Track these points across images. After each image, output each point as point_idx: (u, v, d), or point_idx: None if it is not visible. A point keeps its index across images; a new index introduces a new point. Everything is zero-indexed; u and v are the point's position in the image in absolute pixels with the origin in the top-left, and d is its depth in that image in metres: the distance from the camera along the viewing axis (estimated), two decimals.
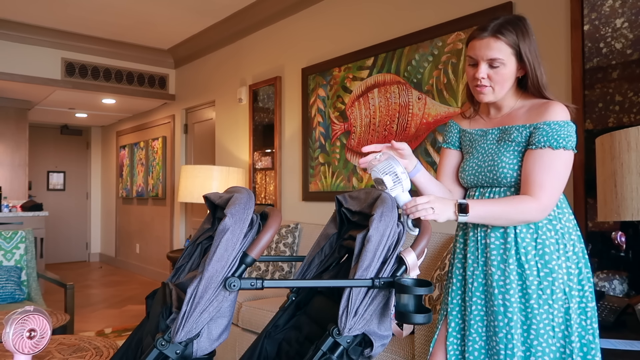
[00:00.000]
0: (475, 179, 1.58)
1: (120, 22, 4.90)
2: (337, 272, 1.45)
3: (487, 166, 1.54)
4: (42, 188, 8.20)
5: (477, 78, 1.49)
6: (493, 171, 1.52)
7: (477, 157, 1.59)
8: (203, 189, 4.06)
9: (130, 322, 4.47)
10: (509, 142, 1.52)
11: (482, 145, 1.60)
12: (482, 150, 1.59)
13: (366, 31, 3.50)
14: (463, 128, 1.69)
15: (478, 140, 1.63)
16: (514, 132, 1.51)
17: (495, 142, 1.57)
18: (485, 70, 1.48)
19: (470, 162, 1.61)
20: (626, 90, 2.17)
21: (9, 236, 3.57)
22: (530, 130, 1.47)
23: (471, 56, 1.51)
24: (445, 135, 1.76)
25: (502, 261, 1.48)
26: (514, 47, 1.46)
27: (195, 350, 1.12)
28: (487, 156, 1.56)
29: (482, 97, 1.53)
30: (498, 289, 1.47)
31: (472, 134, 1.65)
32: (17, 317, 1.33)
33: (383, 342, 1.19)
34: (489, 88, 1.50)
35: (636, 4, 2.15)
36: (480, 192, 1.58)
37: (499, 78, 1.48)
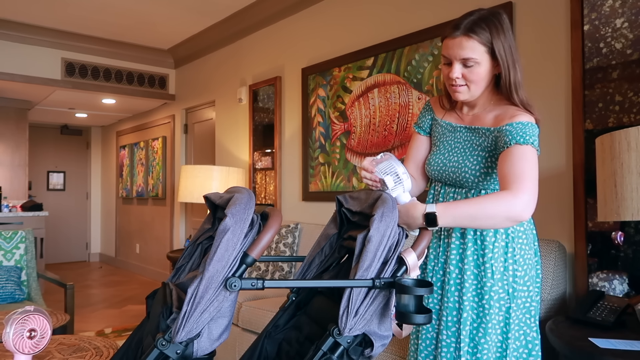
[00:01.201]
0: (440, 175, 1.59)
1: (120, 22, 4.90)
2: (337, 272, 1.45)
3: (452, 166, 1.55)
4: (42, 188, 8.20)
5: (452, 78, 1.48)
6: (457, 172, 1.54)
7: (444, 153, 1.59)
8: (203, 189, 4.06)
9: (130, 322, 4.47)
10: (475, 145, 1.53)
11: (450, 141, 1.60)
12: (449, 147, 1.59)
13: (366, 31, 3.50)
14: (436, 117, 1.68)
15: (446, 135, 1.62)
16: (482, 135, 1.51)
17: (463, 141, 1.56)
18: (459, 69, 1.47)
19: (437, 157, 1.61)
20: (626, 90, 2.17)
21: (9, 236, 3.57)
22: (495, 135, 1.47)
23: (445, 55, 1.50)
24: (420, 117, 1.74)
25: (460, 260, 1.52)
26: (487, 45, 1.42)
27: (195, 350, 1.12)
28: (453, 155, 1.56)
29: (457, 96, 1.52)
30: (455, 286, 1.52)
31: (442, 126, 1.64)
32: (17, 317, 1.33)
33: (383, 342, 1.19)
34: (464, 87, 1.49)
35: (636, 4, 2.15)
36: (445, 189, 1.60)
37: (474, 77, 1.46)
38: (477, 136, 1.52)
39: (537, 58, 2.51)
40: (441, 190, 1.60)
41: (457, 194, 1.56)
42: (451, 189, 1.58)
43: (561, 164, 2.38)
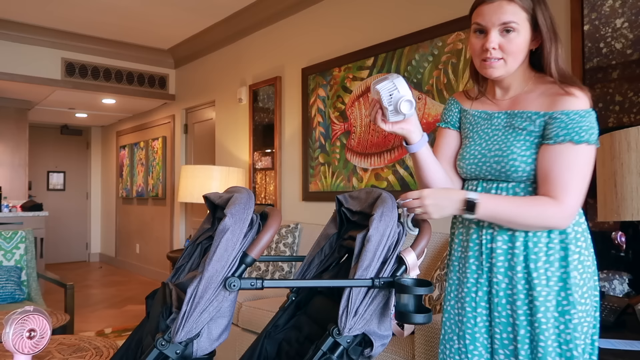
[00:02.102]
0: (477, 169, 1.36)
1: (120, 22, 4.90)
2: (337, 272, 1.45)
3: (494, 156, 1.32)
4: (42, 188, 8.20)
5: (487, 48, 1.27)
6: (501, 163, 1.31)
7: (480, 143, 1.37)
8: (203, 189, 4.06)
9: (130, 322, 4.47)
10: (519, 130, 1.31)
11: (486, 130, 1.39)
12: (486, 136, 1.37)
13: (366, 31, 3.50)
14: (464, 108, 1.47)
15: (480, 123, 1.41)
16: (526, 119, 1.30)
17: (502, 128, 1.35)
18: (496, 38, 1.27)
19: (471, 149, 1.39)
20: (626, 90, 2.17)
21: (9, 236, 3.57)
22: (545, 120, 1.27)
23: (479, 23, 1.29)
24: (444, 113, 1.52)
25: (509, 268, 1.31)
26: (528, 11, 1.26)
27: (195, 350, 1.12)
28: (493, 144, 1.34)
29: (491, 72, 1.31)
30: (506, 298, 1.31)
31: (473, 116, 1.43)
32: (17, 317, 1.33)
33: (383, 342, 1.19)
34: (501, 60, 1.29)
35: (636, 4, 2.15)
36: (484, 186, 1.37)
37: (512, 47, 1.27)
38: (520, 120, 1.32)
39: None
40: (477, 189, 1.38)
41: (500, 190, 1.33)
42: (491, 184, 1.35)
43: None
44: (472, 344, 1.35)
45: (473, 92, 1.46)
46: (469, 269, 1.37)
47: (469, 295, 1.36)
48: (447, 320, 1.43)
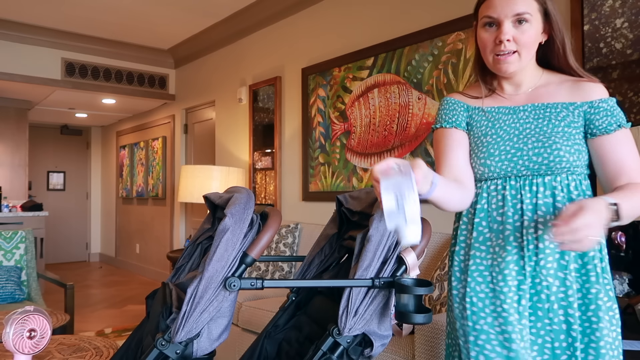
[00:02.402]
0: (511, 165, 1.25)
1: (120, 22, 4.90)
2: (337, 272, 1.45)
3: (532, 149, 1.23)
4: (42, 188, 8.20)
5: (502, 41, 1.21)
6: (543, 154, 1.22)
7: (511, 139, 1.27)
8: (203, 189, 4.06)
9: (130, 322, 4.47)
10: (555, 121, 1.24)
11: (513, 125, 1.29)
12: (515, 131, 1.27)
13: (366, 31, 3.50)
14: (473, 106, 1.35)
15: (503, 119, 1.30)
16: (562, 110, 1.25)
17: (533, 121, 1.27)
18: (510, 30, 1.21)
19: (501, 145, 1.27)
20: (626, 90, 2.17)
21: (9, 236, 3.58)
22: (584, 110, 1.24)
23: (490, 15, 1.23)
24: (446, 113, 1.37)
25: (560, 268, 1.20)
26: (540, 2, 1.23)
27: (195, 350, 1.12)
28: (528, 137, 1.25)
29: (506, 67, 1.24)
30: (558, 302, 1.20)
31: (490, 113, 1.32)
32: (17, 317, 1.33)
33: (383, 342, 1.19)
34: (515, 54, 1.23)
35: (636, 4, 2.15)
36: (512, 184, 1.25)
37: (526, 39, 1.22)
38: (554, 113, 1.25)
39: None
40: (506, 187, 1.26)
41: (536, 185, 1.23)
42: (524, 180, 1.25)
43: None
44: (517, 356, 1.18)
45: (475, 92, 1.36)
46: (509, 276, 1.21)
47: (512, 307, 1.20)
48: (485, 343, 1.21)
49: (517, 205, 1.24)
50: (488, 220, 1.27)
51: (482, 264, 1.26)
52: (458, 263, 1.31)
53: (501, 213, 1.26)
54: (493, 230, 1.27)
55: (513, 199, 1.25)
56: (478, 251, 1.27)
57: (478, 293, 1.24)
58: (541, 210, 1.22)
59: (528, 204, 1.23)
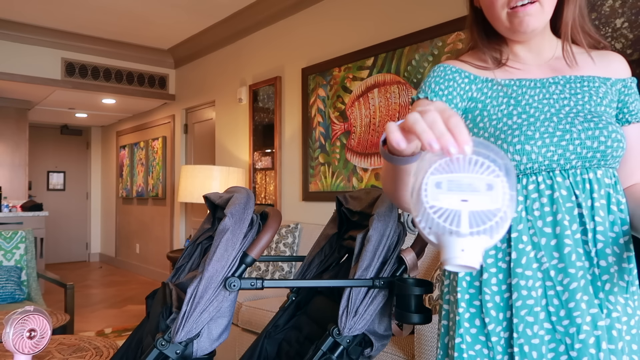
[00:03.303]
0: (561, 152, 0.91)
1: (120, 22, 4.90)
2: (337, 272, 1.45)
3: (585, 130, 0.91)
4: (42, 188, 8.21)
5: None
6: (600, 138, 0.91)
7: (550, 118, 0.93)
8: (203, 189, 4.06)
9: (130, 322, 4.47)
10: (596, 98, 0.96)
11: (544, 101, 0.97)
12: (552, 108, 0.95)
13: (366, 31, 3.50)
14: (484, 77, 1.02)
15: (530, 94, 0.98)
16: (601, 85, 0.98)
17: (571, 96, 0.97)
18: None
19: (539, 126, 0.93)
20: None
21: (9, 236, 3.58)
22: (618, 89, 1.00)
23: None
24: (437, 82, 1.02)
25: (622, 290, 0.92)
26: None
27: (195, 350, 1.12)
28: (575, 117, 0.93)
29: (527, 21, 0.94)
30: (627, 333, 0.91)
31: (511, 87, 1.00)
32: (17, 317, 1.33)
33: (383, 342, 1.19)
34: (536, 4, 0.93)
35: (636, 4, 2.16)
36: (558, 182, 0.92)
37: None
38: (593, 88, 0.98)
39: None
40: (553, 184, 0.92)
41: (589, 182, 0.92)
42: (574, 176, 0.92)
43: None
44: None
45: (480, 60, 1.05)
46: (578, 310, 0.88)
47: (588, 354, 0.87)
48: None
49: (573, 210, 0.91)
50: (530, 233, 0.92)
51: (531, 296, 0.90)
52: (492, 297, 0.93)
53: (551, 222, 0.91)
54: (542, 248, 0.91)
55: (567, 202, 0.91)
56: (523, 279, 0.91)
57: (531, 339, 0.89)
58: (599, 216, 0.91)
59: (585, 208, 0.91)
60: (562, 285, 0.89)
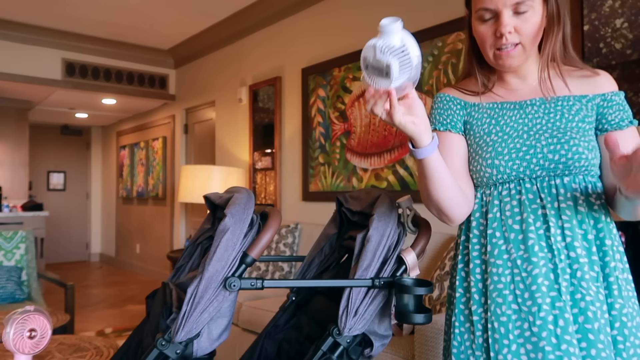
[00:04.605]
0: (524, 165, 1.11)
1: (120, 22, 4.90)
2: (337, 272, 1.45)
3: (547, 145, 1.10)
4: (43, 188, 8.21)
5: (503, 34, 1.07)
6: (561, 152, 1.08)
7: (521, 135, 1.13)
8: (203, 189, 4.06)
9: (130, 322, 4.47)
10: (568, 116, 1.12)
11: (520, 121, 1.15)
12: (524, 126, 1.14)
13: (366, 31, 3.50)
14: (472, 102, 1.22)
15: (508, 115, 1.17)
16: (575, 103, 1.13)
17: (544, 115, 1.14)
18: (510, 20, 1.07)
19: (509, 143, 1.13)
20: (626, 90, 2.18)
21: (9, 236, 3.58)
22: (597, 103, 1.13)
23: (486, 7, 1.09)
24: (440, 114, 1.23)
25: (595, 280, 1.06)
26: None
27: (195, 350, 1.12)
28: (540, 134, 1.12)
29: (510, 62, 1.11)
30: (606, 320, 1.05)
31: (494, 109, 1.19)
32: (17, 317, 1.33)
33: (383, 342, 1.19)
34: (518, 46, 1.09)
35: (636, 4, 2.16)
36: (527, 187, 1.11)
37: (529, 29, 1.08)
38: (566, 107, 1.13)
39: None
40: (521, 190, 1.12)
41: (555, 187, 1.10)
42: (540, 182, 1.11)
43: None
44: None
45: (472, 86, 1.23)
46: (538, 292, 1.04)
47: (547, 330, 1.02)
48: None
49: (537, 210, 1.09)
50: (503, 230, 1.11)
51: (501, 281, 1.09)
52: (475, 283, 1.13)
53: (519, 221, 1.10)
54: (510, 241, 1.10)
55: (532, 204, 1.10)
56: (495, 267, 1.10)
57: (500, 317, 1.07)
58: (566, 215, 1.08)
59: (550, 209, 1.08)
60: (526, 272, 1.07)
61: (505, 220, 1.12)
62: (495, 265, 1.10)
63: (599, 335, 1.01)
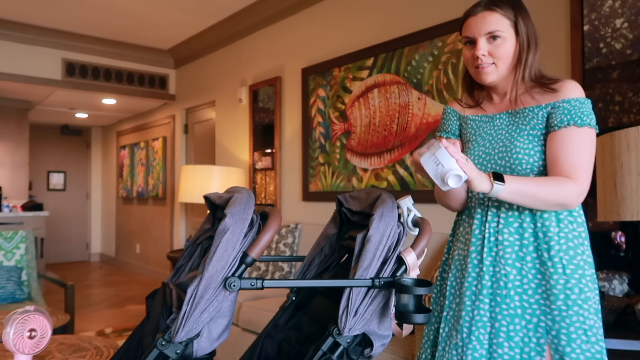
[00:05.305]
0: (483, 168, 1.42)
1: (120, 22, 4.90)
2: (337, 272, 1.45)
3: (498, 152, 1.41)
4: (43, 188, 8.21)
5: (477, 56, 1.38)
6: (506, 157, 1.39)
7: (484, 144, 1.45)
8: (203, 189, 4.06)
9: (130, 322, 4.47)
10: (522, 125, 1.39)
11: (489, 131, 1.46)
12: (489, 136, 1.45)
13: (366, 31, 3.50)
14: (463, 115, 1.55)
15: (483, 126, 1.49)
16: (529, 114, 1.39)
17: (505, 127, 1.43)
18: (485, 45, 1.38)
19: (475, 150, 1.47)
20: (626, 90, 2.17)
21: (9, 236, 3.58)
22: (547, 111, 1.36)
23: (468, 36, 1.41)
24: (444, 123, 1.60)
25: (517, 259, 1.35)
26: (511, 19, 1.38)
27: (195, 350, 1.12)
28: (497, 142, 1.42)
29: (485, 77, 1.41)
30: (514, 289, 1.35)
31: (474, 121, 1.52)
32: (17, 317, 1.33)
33: (383, 342, 1.19)
34: (492, 66, 1.39)
35: (636, 4, 2.16)
36: None
37: (500, 52, 1.37)
38: (522, 118, 1.40)
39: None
40: None
41: None
42: None
43: None
44: (468, 337, 1.37)
45: (468, 101, 1.55)
46: (471, 264, 1.42)
47: (470, 290, 1.41)
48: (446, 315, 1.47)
49: (484, 203, 1.44)
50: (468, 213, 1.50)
51: (459, 253, 1.49)
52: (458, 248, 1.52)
53: (473, 207, 1.47)
54: (468, 223, 1.48)
55: (480, 197, 1.45)
56: (459, 242, 1.50)
57: (450, 279, 1.49)
58: (504, 207, 1.40)
59: (493, 202, 1.41)
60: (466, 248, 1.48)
61: (470, 208, 1.49)
62: (460, 241, 1.51)
63: (505, 299, 1.35)
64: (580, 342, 1.28)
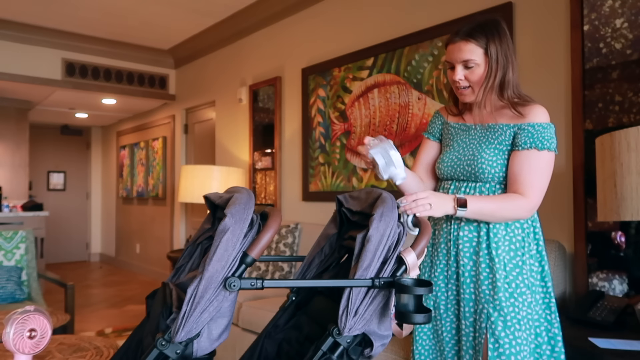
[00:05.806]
0: (453, 171, 1.65)
1: (120, 22, 4.90)
2: (337, 272, 1.45)
3: (467, 160, 1.61)
4: (43, 188, 8.21)
5: (455, 80, 1.59)
6: (472, 165, 1.59)
7: (457, 150, 1.66)
8: (203, 189, 4.06)
9: (130, 322, 4.47)
10: (491, 139, 1.59)
11: (464, 139, 1.67)
12: (463, 144, 1.66)
13: (366, 31, 3.50)
14: (447, 121, 1.76)
15: (460, 134, 1.70)
16: (498, 130, 1.58)
17: (477, 138, 1.63)
18: (461, 72, 1.57)
19: (450, 154, 1.67)
20: (626, 90, 2.17)
21: (9, 236, 3.58)
22: (514, 131, 1.55)
23: (448, 61, 1.60)
24: (430, 125, 1.83)
25: (474, 253, 1.57)
26: (484, 48, 1.54)
27: (195, 350, 1.12)
28: (468, 150, 1.63)
29: (463, 98, 1.63)
30: (470, 278, 1.57)
31: (454, 128, 1.72)
32: (17, 317, 1.33)
33: (383, 342, 1.19)
34: (469, 88, 1.59)
35: (636, 4, 2.16)
36: (456, 185, 1.64)
37: (474, 78, 1.56)
38: (492, 132, 1.60)
39: (537, 58, 2.51)
40: (451, 187, 1.65)
41: (470, 188, 1.61)
42: (463, 184, 1.63)
43: (561, 164, 2.38)
44: (445, 312, 1.63)
45: (453, 109, 1.75)
46: (440, 253, 1.64)
47: (442, 274, 1.63)
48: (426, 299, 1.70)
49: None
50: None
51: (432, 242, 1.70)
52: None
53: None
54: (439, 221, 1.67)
55: None
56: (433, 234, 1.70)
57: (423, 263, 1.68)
58: None
59: None
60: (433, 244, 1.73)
61: None
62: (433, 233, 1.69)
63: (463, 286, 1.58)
64: (513, 329, 1.47)
